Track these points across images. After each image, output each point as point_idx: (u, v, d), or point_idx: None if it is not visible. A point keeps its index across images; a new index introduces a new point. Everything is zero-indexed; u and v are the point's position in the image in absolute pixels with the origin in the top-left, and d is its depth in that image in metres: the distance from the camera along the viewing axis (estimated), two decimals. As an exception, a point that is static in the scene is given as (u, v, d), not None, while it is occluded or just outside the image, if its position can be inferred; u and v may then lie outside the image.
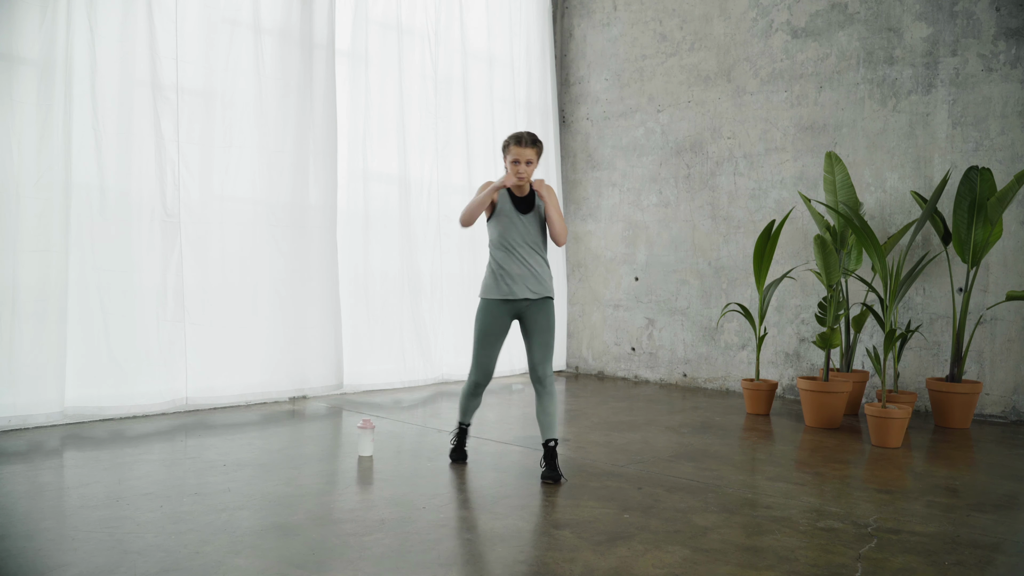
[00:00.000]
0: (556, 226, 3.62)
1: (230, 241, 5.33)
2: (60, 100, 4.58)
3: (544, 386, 3.63)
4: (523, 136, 3.61)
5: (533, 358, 3.66)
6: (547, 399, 3.63)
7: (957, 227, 5.07)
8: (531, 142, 3.61)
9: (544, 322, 3.65)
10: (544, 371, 3.63)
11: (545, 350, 3.64)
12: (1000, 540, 2.91)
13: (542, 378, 3.62)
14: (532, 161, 3.61)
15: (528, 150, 3.59)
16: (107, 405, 4.77)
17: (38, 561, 2.54)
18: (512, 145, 3.61)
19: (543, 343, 3.65)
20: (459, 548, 2.73)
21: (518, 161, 3.59)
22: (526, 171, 3.60)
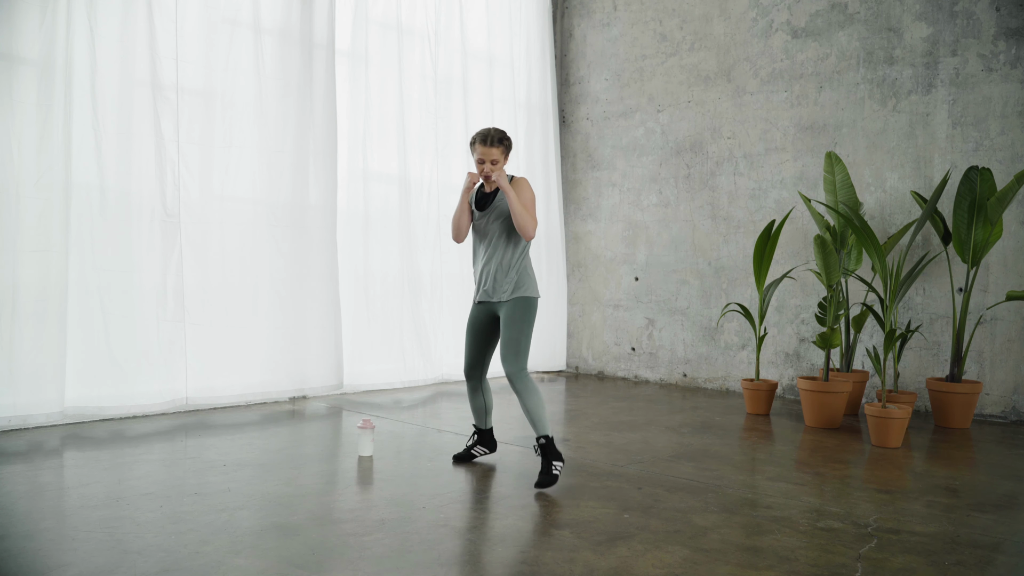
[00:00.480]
0: (517, 218, 3.51)
1: (230, 241, 5.33)
2: (60, 100, 4.58)
3: (513, 384, 3.55)
4: (489, 134, 3.58)
5: (500, 355, 3.61)
6: (520, 397, 3.55)
7: (957, 227, 5.07)
8: (497, 140, 3.57)
9: (506, 319, 3.59)
10: (507, 368, 3.55)
11: (505, 347, 3.56)
12: (1000, 540, 2.91)
13: (508, 376, 3.56)
14: (498, 160, 3.58)
15: (493, 149, 3.56)
16: (107, 405, 4.77)
17: (38, 561, 2.54)
18: (477, 143, 3.58)
19: (505, 339, 3.57)
20: (459, 548, 2.73)
21: (483, 160, 3.58)
22: (491, 170, 3.57)
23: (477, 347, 3.79)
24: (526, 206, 3.56)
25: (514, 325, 3.57)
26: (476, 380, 3.84)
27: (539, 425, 3.54)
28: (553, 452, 3.53)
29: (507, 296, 3.60)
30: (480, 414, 3.88)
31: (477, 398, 3.87)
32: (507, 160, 3.66)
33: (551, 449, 3.53)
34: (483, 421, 3.90)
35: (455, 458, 3.92)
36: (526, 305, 3.60)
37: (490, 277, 3.64)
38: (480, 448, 3.94)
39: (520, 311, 3.59)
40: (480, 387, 3.86)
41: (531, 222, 3.54)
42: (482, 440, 3.93)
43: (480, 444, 3.93)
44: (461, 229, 3.69)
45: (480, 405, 3.87)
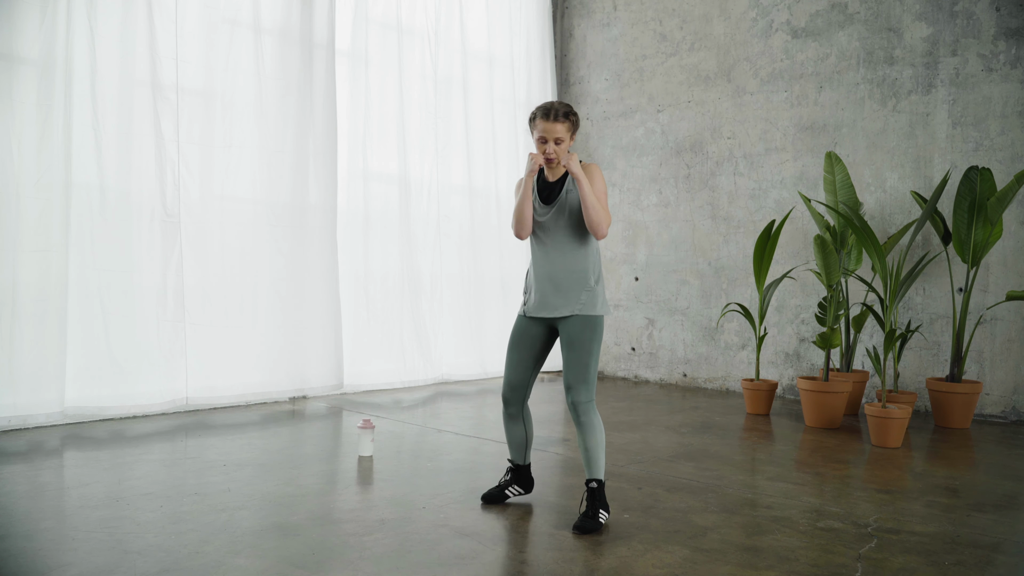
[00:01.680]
0: (590, 211, 2.94)
1: (230, 241, 5.32)
2: (60, 100, 4.58)
3: (577, 414, 3.01)
4: (552, 107, 2.99)
5: (564, 380, 3.07)
6: (581, 430, 3.03)
7: (957, 227, 5.07)
8: (563, 115, 2.99)
9: (574, 339, 3.03)
10: (576, 397, 3.00)
11: (574, 372, 3.01)
12: (1000, 540, 2.91)
13: (573, 404, 3.02)
14: (563, 139, 3.00)
15: (558, 125, 2.97)
16: (107, 405, 4.77)
17: (38, 561, 2.54)
18: (539, 119, 3.00)
19: (572, 363, 3.02)
20: (459, 548, 2.73)
21: (545, 139, 3.00)
22: (555, 151, 3.00)
23: (525, 367, 3.18)
24: (599, 198, 3.00)
25: (584, 347, 3.02)
26: (518, 406, 3.21)
27: (595, 467, 3.03)
28: (602, 499, 3.01)
29: (576, 311, 3.03)
30: (519, 447, 3.27)
31: (517, 428, 3.24)
32: (573, 141, 3.08)
33: (601, 495, 3.01)
34: (522, 456, 3.28)
35: (485, 498, 3.27)
36: (596, 324, 3.05)
37: (553, 285, 3.06)
38: (515, 488, 3.31)
39: (590, 330, 3.03)
40: (521, 414, 3.23)
41: (606, 217, 2.99)
42: (518, 478, 3.30)
43: (516, 483, 3.30)
44: (525, 222, 3.05)
45: (520, 436, 3.25)
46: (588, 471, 3.04)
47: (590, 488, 3.01)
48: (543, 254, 3.10)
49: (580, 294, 3.04)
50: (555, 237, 3.07)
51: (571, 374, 3.02)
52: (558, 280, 3.06)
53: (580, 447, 3.06)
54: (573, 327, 3.03)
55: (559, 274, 3.06)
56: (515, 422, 3.25)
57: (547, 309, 3.08)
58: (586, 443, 3.03)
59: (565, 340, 3.06)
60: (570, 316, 3.04)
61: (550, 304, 3.07)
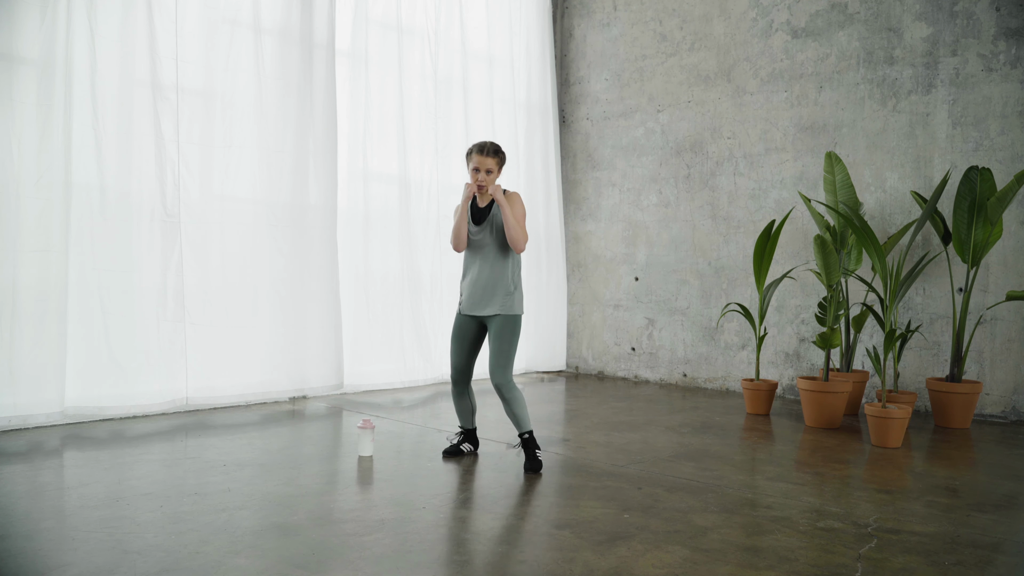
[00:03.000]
0: (510, 231, 3.69)
1: (230, 241, 5.32)
2: (60, 100, 4.58)
3: (501, 393, 3.78)
4: (485, 145, 3.77)
5: (489, 365, 3.82)
6: (507, 404, 3.80)
7: (957, 227, 5.07)
8: (492, 151, 3.76)
9: (497, 332, 3.79)
10: (498, 380, 3.77)
11: (496, 360, 3.78)
12: (1000, 540, 2.91)
13: (497, 386, 3.78)
14: (492, 170, 3.75)
15: (489, 159, 3.74)
16: (107, 405, 4.77)
17: (38, 561, 2.54)
18: (474, 153, 3.76)
19: (496, 352, 3.78)
20: (459, 548, 2.73)
21: (478, 169, 3.75)
22: (485, 180, 3.74)
23: (466, 355, 3.96)
24: (518, 220, 3.74)
25: (504, 339, 3.78)
26: (463, 385, 4.02)
27: (524, 423, 3.83)
28: (535, 443, 3.85)
29: (498, 311, 3.79)
30: (467, 415, 4.08)
31: (464, 401, 4.05)
32: (500, 173, 3.83)
33: (533, 440, 3.84)
34: (469, 422, 4.10)
35: (445, 453, 4.07)
36: (515, 322, 3.82)
37: (481, 289, 3.81)
38: (467, 445, 4.13)
39: (510, 326, 3.79)
40: (466, 391, 4.04)
41: (523, 236, 3.74)
42: (468, 438, 4.14)
43: (467, 441, 4.14)
44: (461, 239, 3.81)
45: (467, 407, 4.06)
46: (519, 427, 3.84)
47: (524, 439, 3.83)
48: (474, 264, 3.86)
49: (503, 298, 3.79)
50: (484, 251, 3.82)
51: (495, 361, 3.78)
52: (485, 285, 3.80)
53: (508, 414, 3.83)
54: (497, 324, 3.80)
55: (486, 281, 3.80)
56: (462, 397, 4.05)
57: (477, 308, 3.84)
58: (514, 410, 3.81)
59: (491, 334, 3.81)
60: (495, 315, 3.80)
61: (479, 304, 3.83)
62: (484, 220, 3.81)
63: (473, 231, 3.83)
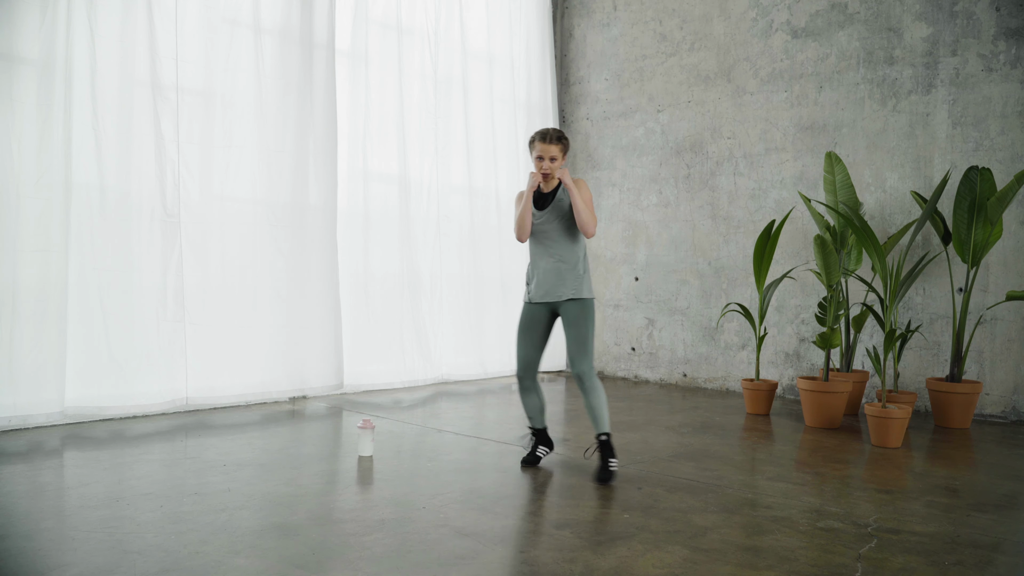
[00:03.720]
0: (581, 214, 3.62)
1: (230, 241, 5.32)
2: (60, 100, 4.57)
3: (582, 382, 3.63)
4: (548, 132, 3.68)
5: (568, 354, 3.72)
6: (588, 395, 3.64)
7: (957, 227, 5.07)
8: (556, 138, 3.67)
9: (574, 318, 3.67)
10: (580, 367, 3.63)
11: (577, 345, 3.65)
12: (1000, 540, 2.91)
13: (579, 375, 3.64)
14: (556, 157, 3.67)
15: (552, 146, 3.66)
16: (107, 405, 4.77)
17: (38, 561, 2.54)
18: (537, 141, 3.69)
19: (575, 338, 3.66)
20: (459, 548, 2.73)
21: (542, 157, 3.67)
22: (550, 167, 3.67)
23: (534, 347, 3.82)
24: (587, 204, 3.67)
25: (582, 324, 3.67)
26: (530, 380, 3.85)
27: (602, 422, 3.65)
28: (611, 449, 3.64)
29: (572, 295, 3.69)
30: (537, 413, 3.88)
31: (532, 398, 3.86)
32: (564, 160, 3.73)
33: (610, 445, 3.64)
34: (540, 420, 3.89)
35: (523, 463, 3.86)
36: (590, 305, 3.72)
37: (551, 275, 3.71)
38: (542, 449, 3.91)
39: (586, 310, 3.70)
40: (534, 387, 3.86)
41: (593, 219, 3.67)
42: (541, 440, 3.92)
43: (541, 444, 3.92)
44: (525, 227, 3.71)
45: (536, 404, 3.87)
46: (597, 426, 3.66)
47: (601, 441, 3.64)
48: (541, 251, 3.78)
49: (574, 282, 3.72)
50: (550, 237, 3.75)
51: (575, 348, 3.67)
52: (556, 271, 3.73)
53: (587, 407, 3.66)
54: (572, 309, 3.71)
55: (556, 266, 3.73)
56: (530, 393, 3.87)
57: (550, 295, 3.74)
58: (592, 403, 3.64)
59: (567, 320, 3.71)
60: (567, 300, 3.71)
61: (552, 291, 3.73)
62: (548, 206, 3.73)
63: (538, 218, 3.74)
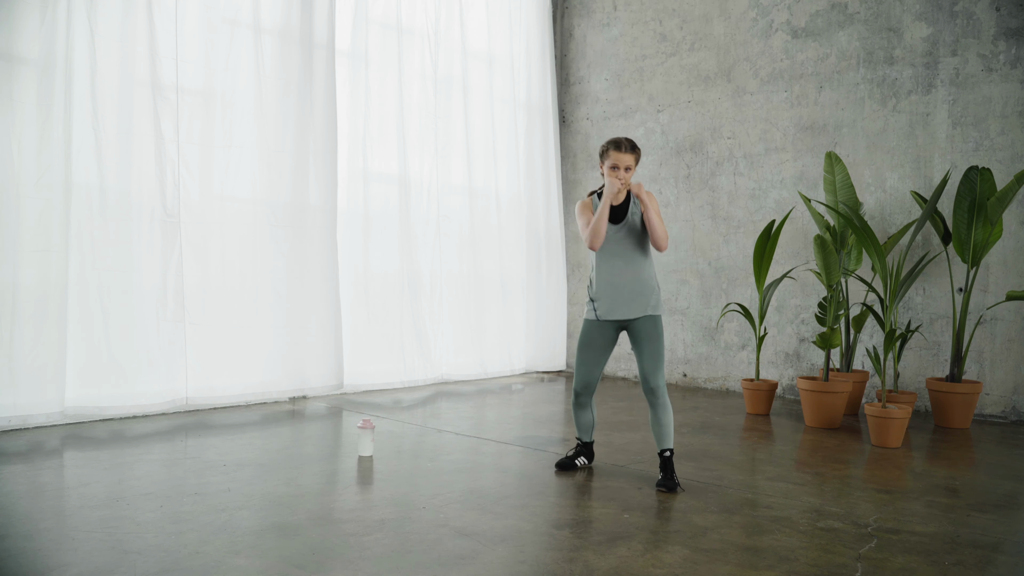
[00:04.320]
0: (656, 229, 3.53)
1: (230, 241, 5.32)
2: (60, 100, 4.57)
3: (655, 396, 3.57)
4: (622, 141, 3.57)
5: (642, 370, 3.62)
6: (657, 410, 3.58)
7: (957, 227, 5.07)
8: (630, 148, 3.57)
9: (648, 334, 3.59)
10: (655, 383, 3.56)
11: (653, 362, 3.57)
12: (1000, 540, 2.91)
13: (653, 390, 3.57)
14: (631, 167, 3.57)
15: (627, 156, 3.56)
16: (107, 405, 4.77)
17: (38, 561, 2.54)
18: (611, 151, 3.57)
19: (651, 354, 3.58)
20: (459, 548, 2.73)
21: (616, 167, 3.55)
22: (625, 177, 3.56)
23: (598, 365, 3.73)
24: (660, 217, 3.59)
25: (655, 340, 3.60)
26: (587, 397, 3.78)
27: (666, 438, 3.58)
28: (672, 467, 3.57)
29: (646, 311, 3.59)
30: (587, 428, 3.85)
31: (586, 414, 3.82)
32: (636, 170, 3.63)
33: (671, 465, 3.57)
34: (588, 435, 3.87)
35: (558, 465, 3.83)
36: (660, 322, 3.64)
37: (626, 291, 3.59)
38: (582, 459, 3.89)
39: (659, 327, 3.62)
40: (589, 403, 3.81)
41: (666, 233, 3.60)
42: (585, 452, 3.90)
43: (583, 455, 3.89)
44: (600, 235, 3.55)
45: (588, 420, 3.83)
46: (663, 443, 3.58)
47: (665, 457, 3.57)
48: (613, 266, 3.63)
49: (649, 298, 3.61)
50: (624, 250, 3.62)
51: (650, 363, 3.58)
52: (630, 287, 3.60)
53: (655, 423, 3.59)
54: (646, 325, 3.60)
55: (630, 282, 3.60)
56: (584, 410, 3.81)
57: (621, 312, 3.61)
58: (661, 419, 3.58)
59: (641, 337, 3.61)
60: (642, 316, 3.60)
61: (624, 307, 3.61)
62: (623, 219, 3.61)
63: (611, 230, 3.60)
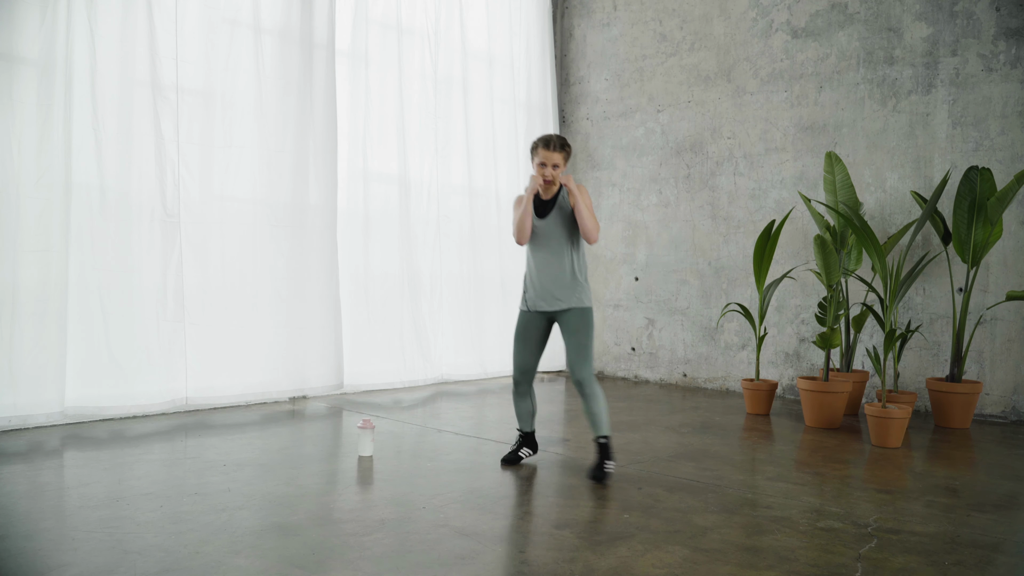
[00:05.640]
0: (585, 220, 3.61)
1: (230, 241, 5.32)
2: (60, 100, 4.58)
3: (583, 388, 3.65)
4: (551, 139, 3.67)
5: (568, 361, 3.71)
6: (587, 400, 3.66)
7: (957, 227, 5.07)
8: (559, 146, 3.66)
9: (574, 326, 3.68)
10: (581, 374, 3.64)
11: (578, 353, 3.66)
12: (1000, 540, 2.91)
13: (579, 382, 3.65)
14: (559, 165, 3.66)
15: (556, 154, 3.65)
16: (107, 405, 4.77)
17: (38, 561, 2.54)
18: (540, 148, 3.67)
19: (576, 346, 3.67)
20: (459, 548, 2.73)
21: (544, 164, 3.66)
22: (552, 174, 3.65)
23: (532, 354, 3.83)
24: (589, 209, 3.66)
25: (583, 332, 3.68)
26: (527, 386, 3.88)
27: (602, 426, 3.67)
28: (609, 452, 3.66)
29: (571, 304, 3.69)
30: (527, 418, 3.94)
31: (525, 403, 3.91)
32: (566, 166, 3.74)
33: (608, 448, 3.66)
34: (529, 424, 3.96)
35: (503, 461, 3.92)
36: (590, 314, 3.73)
37: (552, 283, 3.69)
38: (526, 450, 3.98)
39: (585, 319, 3.70)
40: (529, 392, 3.90)
41: (596, 224, 3.67)
42: (527, 442, 3.98)
43: (525, 446, 3.98)
44: (525, 231, 3.68)
45: (528, 409, 3.92)
46: (597, 430, 3.67)
47: (600, 443, 3.66)
48: (540, 259, 3.74)
49: (574, 290, 3.71)
50: (550, 244, 3.72)
51: (574, 355, 3.67)
52: (555, 279, 3.70)
53: (587, 412, 3.69)
54: (573, 318, 3.70)
55: (556, 274, 3.70)
56: (524, 398, 3.91)
57: (547, 303, 3.73)
58: (592, 408, 3.67)
59: (567, 329, 3.71)
60: (568, 309, 3.70)
61: (550, 299, 3.72)
62: (549, 212, 3.71)
63: (538, 223, 3.71)
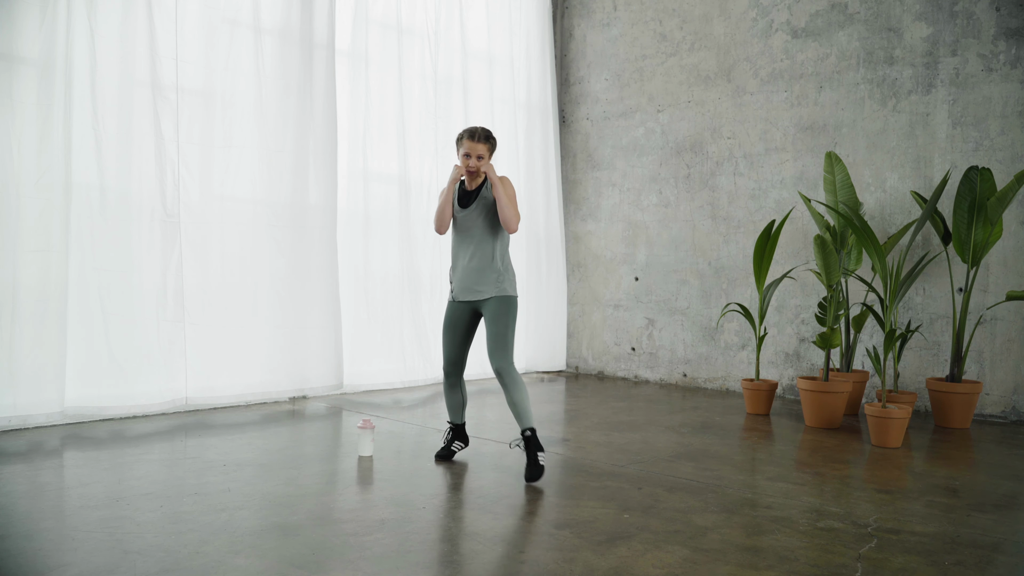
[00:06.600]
0: (503, 209, 3.61)
1: (230, 241, 5.33)
2: (60, 100, 4.58)
3: (502, 378, 3.65)
4: (476, 131, 3.71)
5: (488, 350, 3.70)
6: (508, 390, 3.65)
7: (957, 227, 5.07)
8: (484, 137, 3.70)
9: (493, 315, 3.68)
10: (498, 363, 3.64)
11: (495, 342, 3.65)
12: (1000, 540, 2.91)
13: (497, 370, 3.65)
14: (483, 156, 3.69)
15: (480, 145, 3.68)
16: (107, 405, 4.77)
17: (38, 561, 2.54)
18: (465, 139, 3.71)
19: (493, 335, 3.66)
20: (459, 548, 2.73)
21: (469, 155, 3.69)
22: (475, 165, 3.69)
23: (459, 345, 3.85)
24: (511, 199, 3.67)
25: (501, 320, 3.67)
26: (456, 377, 3.91)
27: (525, 417, 3.63)
28: (537, 444, 3.61)
29: (492, 293, 3.69)
30: (458, 410, 3.97)
31: (456, 394, 3.94)
32: (491, 158, 3.77)
33: (535, 441, 3.60)
34: (459, 416, 3.99)
35: (437, 457, 3.98)
36: (510, 303, 3.71)
37: (473, 273, 3.71)
38: (458, 443, 4.01)
39: (505, 307, 3.69)
40: (459, 384, 3.93)
41: (516, 214, 3.66)
42: (458, 435, 4.01)
43: (457, 439, 4.01)
44: (445, 219, 3.74)
45: (459, 401, 3.95)
46: (522, 421, 3.62)
47: (526, 437, 3.59)
48: (462, 249, 3.76)
49: (495, 280, 3.70)
50: (472, 234, 3.73)
51: (492, 344, 3.66)
52: (477, 269, 3.71)
53: (510, 403, 3.64)
54: (492, 306, 3.70)
55: (477, 264, 3.71)
56: (455, 390, 3.93)
57: (470, 293, 3.74)
58: (514, 398, 3.63)
59: (487, 317, 3.70)
60: (489, 298, 3.70)
61: (472, 289, 3.73)
62: (472, 202, 3.74)
63: (460, 213, 3.75)
